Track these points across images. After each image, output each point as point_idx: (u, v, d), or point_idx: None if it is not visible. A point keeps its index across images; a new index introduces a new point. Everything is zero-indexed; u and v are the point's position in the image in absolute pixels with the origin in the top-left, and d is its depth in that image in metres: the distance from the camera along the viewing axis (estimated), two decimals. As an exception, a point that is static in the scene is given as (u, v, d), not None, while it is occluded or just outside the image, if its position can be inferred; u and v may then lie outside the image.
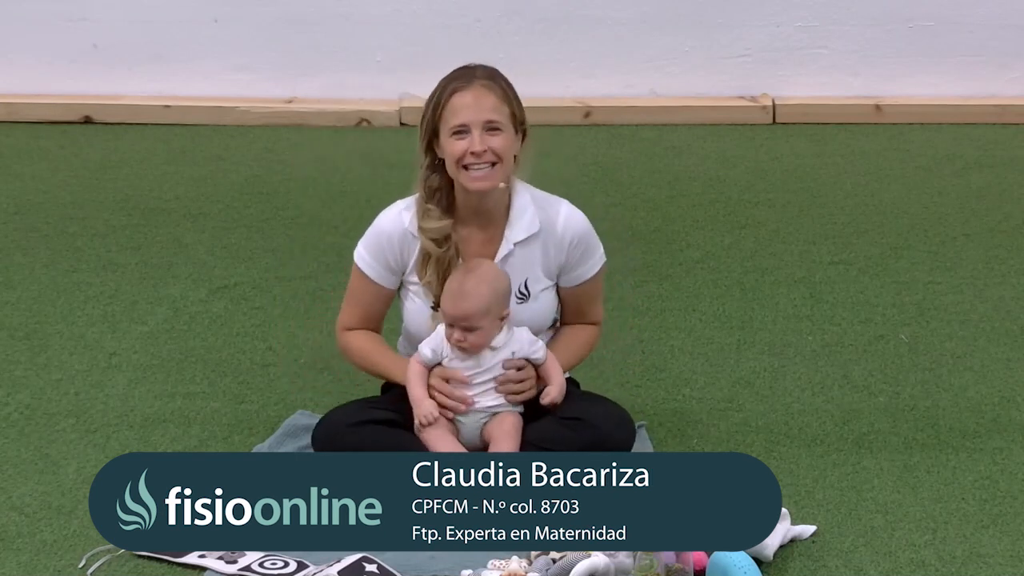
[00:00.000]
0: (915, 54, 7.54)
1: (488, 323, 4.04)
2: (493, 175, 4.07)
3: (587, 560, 3.60)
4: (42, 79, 7.56)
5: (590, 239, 4.22)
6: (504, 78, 4.15)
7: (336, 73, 7.57)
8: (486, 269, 4.08)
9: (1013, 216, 6.19)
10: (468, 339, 4.04)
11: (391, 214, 4.22)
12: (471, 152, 4.04)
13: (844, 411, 4.59)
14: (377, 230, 4.21)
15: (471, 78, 4.09)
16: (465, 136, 4.05)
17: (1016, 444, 4.39)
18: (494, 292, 4.04)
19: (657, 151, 7.08)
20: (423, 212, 4.14)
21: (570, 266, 4.22)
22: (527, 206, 4.17)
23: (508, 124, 4.08)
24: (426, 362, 4.12)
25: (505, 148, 4.07)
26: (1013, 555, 3.83)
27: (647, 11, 7.52)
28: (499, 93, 4.08)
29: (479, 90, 4.07)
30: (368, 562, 3.72)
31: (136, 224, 6.13)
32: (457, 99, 4.07)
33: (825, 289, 5.47)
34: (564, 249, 4.18)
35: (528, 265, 4.18)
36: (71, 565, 3.80)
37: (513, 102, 4.11)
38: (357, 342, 4.26)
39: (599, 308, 4.34)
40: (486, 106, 4.06)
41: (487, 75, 4.11)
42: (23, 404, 4.65)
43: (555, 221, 4.18)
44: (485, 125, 4.05)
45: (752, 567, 3.59)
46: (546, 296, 4.23)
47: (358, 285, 4.23)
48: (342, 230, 6.05)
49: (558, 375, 4.14)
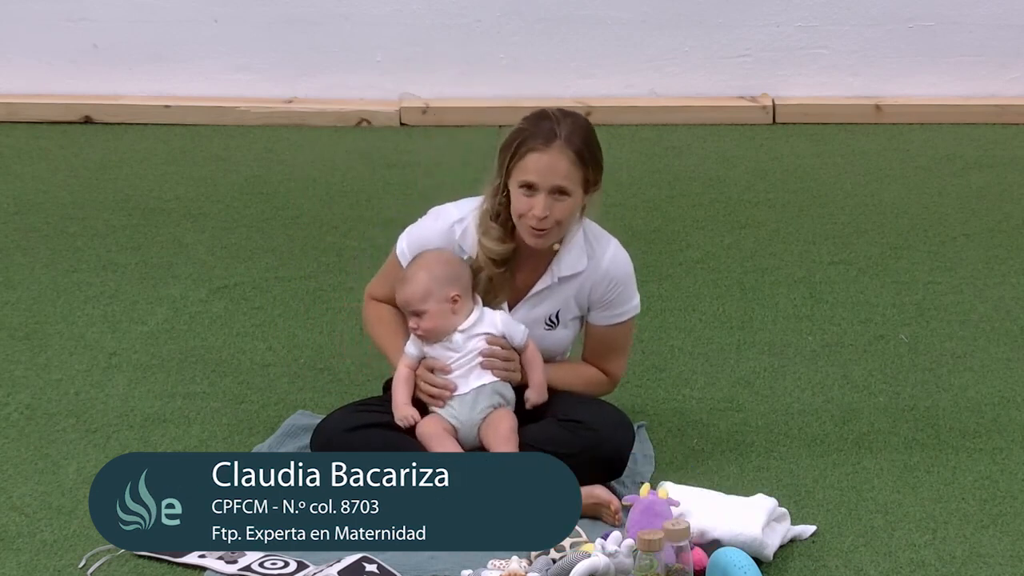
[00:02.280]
0: (915, 54, 7.54)
1: (434, 307, 4.08)
2: (550, 235, 4.09)
3: (587, 560, 3.61)
4: (42, 79, 7.56)
5: (628, 284, 4.22)
6: (587, 136, 4.09)
7: (336, 73, 7.57)
8: (427, 256, 4.13)
9: (1013, 216, 6.19)
10: (420, 324, 4.10)
11: (443, 224, 4.19)
12: (533, 215, 4.04)
13: (844, 411, 4.59)
14: (425, 235, 4.20)
15: (551, 138, 4.04)
16: (532, 194, 4.04)
17: (1016, 444, 4.39)
18: (431, 275, 4.08)
19: (657, 151, 7.08)
20: (486, 229, 4.13)
21: (603, 304, 4.21)
22: (578, 243, 4.17)
23: (577, 188, 4.07)
24: (413, 359, 4.15)
25: (567, 214, 4.07)
26: (1013, 555, 3.83)
27: (647, 11, 7.52)
28: (575, 158, 4.04)
29: (556, 155, 4.03)
30: (368, 562, 3.72)
31: (136, 224, 6.13)
32: (532, 158, 4.03)
33: (825, 289, 5.47)
34: (600, 288, 4.19)
35: (564, 298, 4.20)
36: (71, 565, 3.80)
37: (588, 166, 4.07)
38: (374, 313, 4.30)
39: (621, 363, 4.30)
40: (559, 172, 4.03)
41: (568, 135, 4.05)
42: (23, 404, 4.65)
43: (601, 260, 4.18)
44: (553, 189, 4.04)
45: (752, 567, 3.59)
46: (574, 325, 4.25)
47: (392, 271, 4.25)
48: (342, 230, 6.06)
49: (537, 373, 4.14)
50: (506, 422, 4.08)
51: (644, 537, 3.54)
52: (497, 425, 4.08)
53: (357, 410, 4.15)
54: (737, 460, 4.31)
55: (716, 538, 3.76)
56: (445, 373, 4.12)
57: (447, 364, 4.12)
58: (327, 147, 7.14)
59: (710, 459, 4.33)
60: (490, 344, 4.12)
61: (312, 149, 7.11)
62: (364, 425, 4.07)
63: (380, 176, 6.70)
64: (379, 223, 6.02)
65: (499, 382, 4.12)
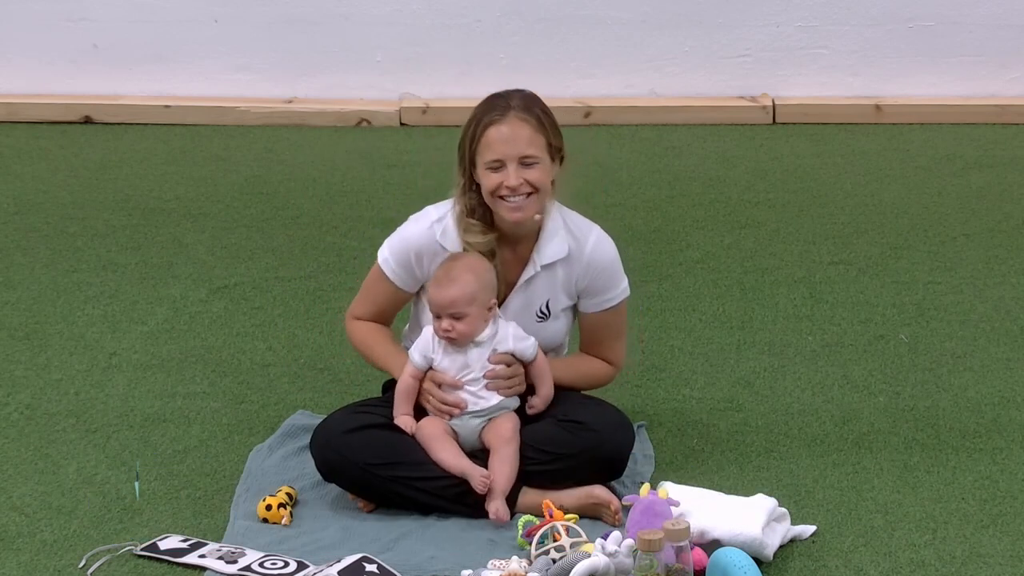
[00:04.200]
0: (915, 54, 7.54)
1: (475, 311, 4.03)
2: (529, 205, 4.06)
3: (587, 560, 3.61)
4: (42, 79, 7.56)
5: (615, 269, 4.21)
6: (540, 104, 4.12)
7: (336, 73, 7.57)
8: (472, 258, 4.07)
9: (1013, 216, 6.19)
10: (456, 328, 4.02)
11: (422, 225, 4.18)
12: (506, 186, 4.03)
13: (844, 411, 4.59)
14: (407, 239, 4.18)
15: (506, 109, 4.05)
16: (500, 170, 4.04)
17: (1016, 444, 4.39)
18: (479, 279, 4.03)
19: (657, 151, 7.08)
20: (466, 226, 4.12)
21: (592, 291, 4.20)
22: (558, 229, 4.16)
23: (544, 154, 4.07)
24: (417, 368, 4.10)
25: (541, 179, 4.06)
26: (1013, 555, 3.83)
27: (647, 11, 7.52)
28: (534, 124, 4.05)
29: (514, 123, 4.04)
30: (368, 562, 3.72)
31: (136, 224, 6.13)
32: (493, 132, 4.04)
33: (825, 289, 5.47)
34: (588, 275, 4.18)
35: (551, 287, 4.18)
36: (71, 565, 3.80)
37: (549, 131, 4.09)
38: (361, 331, 4.26)
39: (619, 348, 4.30)
40: (521, 140, 4.03)
41: (522, 105, 4.07)
42: (23, 404, 4.65)
43: (583, 246, 4.17)
44: (521, 160, 4.04)
45: (752, 567, 3.59)
46: (566, 315, 4.23)
47: (377, 285, 4.22)
48: (342, 230, 6.06)
49: (547, 382, 4.12)
50: (508, 424, 4.07)
51: (644, 537, 3.53)
52: (499, 427, 4.07)
53: (357, 411, 4.14)
54: (737, 460, 4.31)
55: (716, 538, 3.76)
56: (455, 388, 4.10)
57: (457, 379, 4.09)
58: (327, 147, 7.14)
59: (710, 459, 4.33)
60: (493, 362, 4.10)
61: (312, 149, 7.11)
62: (364, 426, 4.06)
63: (380, 176, 6.70)
64: (379, 223, 6.01)
65: (505, 400, 4.11)
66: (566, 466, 4.02)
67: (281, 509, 3.98)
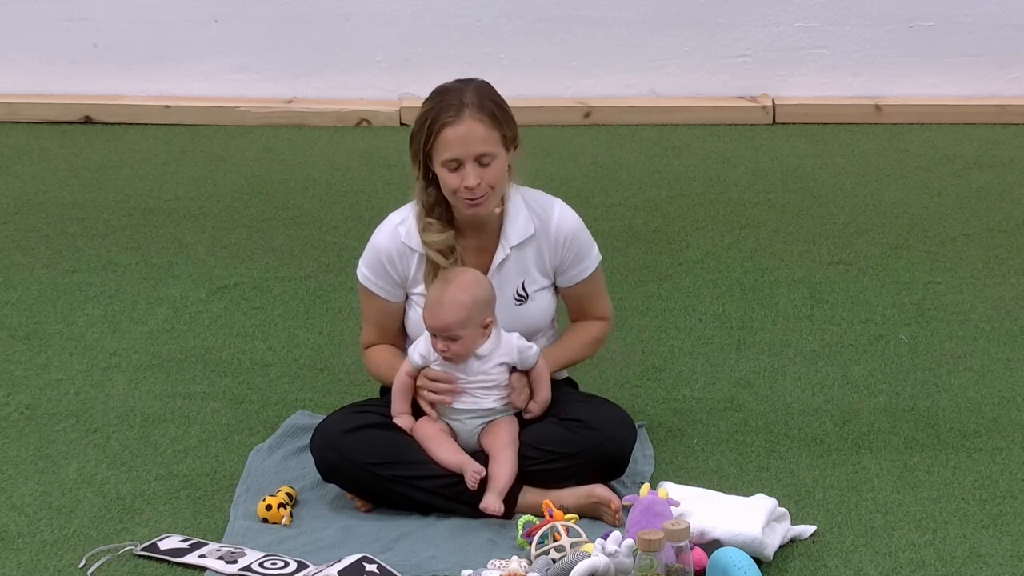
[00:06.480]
0: (915, 54, 7.54)
1: (469, 332, 4.02)
2: (487, 201, 4.07)
3: (587, 560, 3.61)
4: (42, 79, 7.56)
5: (583, 238, 4.22)
6: (493, 96, 4.11)
7: (336, 73, 7.57)
8: (465, 278, 4.06)
9: (1013, 216, 6.19)
10: (451, 348, 4.03)
11: (386, 230, 4.20)
12: (465, 187, 4.03)
13: (844, 411, 4.59)
14: (375, 248, 4.20)
15: (460, 108, 4.04)
16: (458, 170, 4.04)
17: (1016, 444, 4.39)
18: (474, 301, 4.01)
19: (657, 151, 7.08)
20: (424, 225, 4.13)
21: (565, 266, 4.22)
22: (520, 210, 4.17)
23: (499, 149, 4.06)
24: (415, 368, 4.10)
25: (498, 176, 4.06)
26: (1013, 555, 3.83)
27: (647, 11, 7.52)
28: (488, 120, 4.04)
29: (470, 123, 4.02)
30: (368, 562, 3.72)
31: (136, 224, 6.13)
32: (449, 133, 4.03)
33: (825, 289, 5.47)
34: (558, 249, 4.19)
35: (524, 268, 4.18)
36: (71, 565, 3.80)
37: (503, 125, 4.07)
38: (375, 362, 4.27)
39: (604, 303, 4.33)
40: (477, 139, 4.02)
41: (475, 100, 4.05)
42: (23, 404, 4.65)
43: (548, 222, 4.18)
44: (477, 158, 4.04)
45: (752, 567, 3.59)
46: (544, 295, 4.23)
47: (368, 305, 4.24)
48: (342, 230, 6.06)
49: (543, 391, 4.12)
50: (507, 428, 4.07)
51: (644, 537, 3.53)
52: (498, 431, 4.06)
53: (356, 411, 4.15)
54: (737, 460, 4.31)
55: (716, 538, 3.76)
56: (449, 383, 4.08)
57: (451, 375, 4.07)
58: (327, 147, 7.14)
59: (710, 459, 4.33)
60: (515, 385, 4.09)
61: (312, 149, 7.11)
62: (363, 426, 4.07)
63: (380, 176, 6.70)
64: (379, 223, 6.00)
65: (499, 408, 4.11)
66: (568, 465, 4.02)
67: (281, 509, 3.98)
